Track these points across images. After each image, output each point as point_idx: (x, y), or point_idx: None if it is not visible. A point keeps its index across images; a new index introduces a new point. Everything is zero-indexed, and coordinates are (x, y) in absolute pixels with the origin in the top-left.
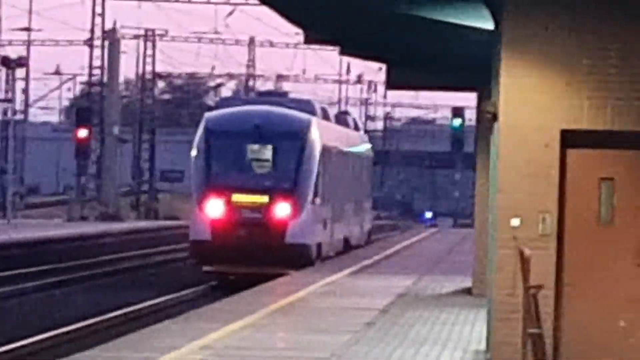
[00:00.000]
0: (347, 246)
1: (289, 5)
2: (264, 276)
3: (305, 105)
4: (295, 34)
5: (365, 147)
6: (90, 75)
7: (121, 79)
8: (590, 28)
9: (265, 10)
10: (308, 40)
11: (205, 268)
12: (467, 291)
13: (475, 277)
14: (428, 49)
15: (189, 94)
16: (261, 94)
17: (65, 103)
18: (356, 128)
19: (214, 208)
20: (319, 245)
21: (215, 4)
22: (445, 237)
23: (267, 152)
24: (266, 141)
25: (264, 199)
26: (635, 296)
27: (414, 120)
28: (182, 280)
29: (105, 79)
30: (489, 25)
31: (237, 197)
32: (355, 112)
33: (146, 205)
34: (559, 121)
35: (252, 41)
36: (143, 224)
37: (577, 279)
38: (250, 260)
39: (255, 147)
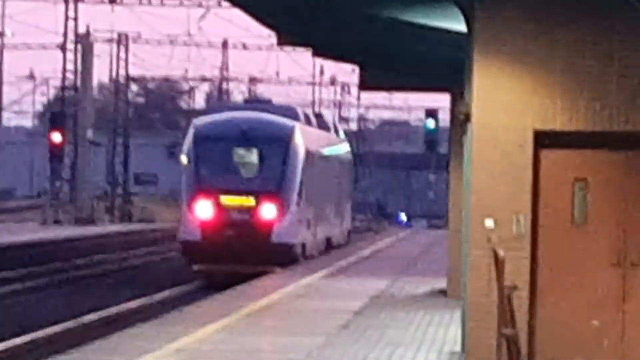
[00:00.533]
0: (329, 245)
1: (262, 7)
2: (251, 274)
3: (289, 112)
4: (268, 36)
5: (345, 150)
6: (64, 79)
7: (95, 82)
8: (562, 29)
9: (238, 12)
10: (281, 43)
11: (195, 267)
12: (442, 292)
13: (449, 279)
14: (401, 50)
15: (163, 97)
16: (247, 101)
17: (39, 107)
18: (336, 132)
19: (203, 209)
20: (303, 245)
21: (188, 7)
22: (420, 239)
23: (254, 156)
24: (252, 146)
25: (251, 200)
26: (609, 296)
27: (388, 122)
28: (159, 283)
29: (78, 82)
30: (461, 26)
31: (225, 199)
32: (329, 114)
33: (120, 209)
34: (532, 122)
35: (225, 44)
36: (117, 227)
37: (551, 279)
38: (238, 259)
39: (242, 151)
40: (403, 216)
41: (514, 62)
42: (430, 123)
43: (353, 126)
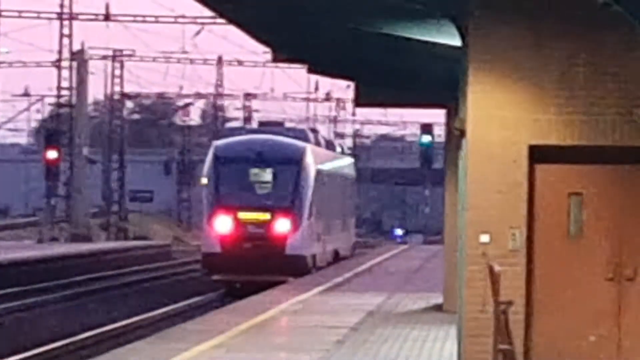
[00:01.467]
0: (336, 257)
1: (256, 24)
2: (267, 284)
3: (301, 134)
4: (263, 52)
5: (350, 168)
6: (59, 96)
7: (90, 99)
8: (557, 44)
9: (233, 29)
10: (276, 59)
11: (215, 277)
12: (438, 308)
13: (445, 294)
14: (396, 66)
15: (158, 114)
16: (261, 124)
17: (34, 124)
18: (342, 151)
19: (223, 224)
20: (314, 256)
21: (183, 23)
22: (416, 254)
23: (268, 175)
24: (267, 166)
25: (267, 216)
26: (605, 311)
27: (383, 137)
28: (155, 300)
29: (74, 100)
30: (456, 41)
31: (243, 215)
32: (324, 130)
33: (116, 226)
34: (526, 137)
35: (220, 60)
36: (113, 244)
37: (547, 294)
38: (255, 270)
39: (258, 171)
40: (399, 231)
41: (508, 78)
42: (426, 138)
43: (348, 142)
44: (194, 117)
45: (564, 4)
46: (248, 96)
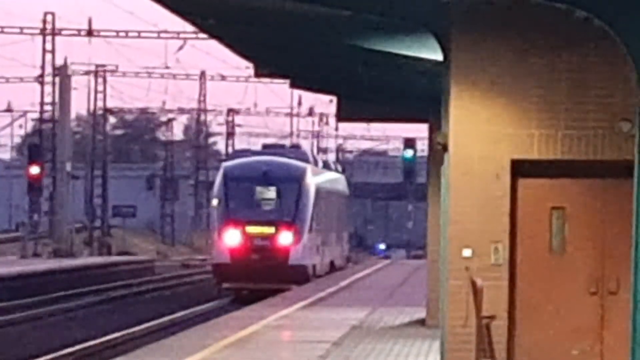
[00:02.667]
0: (332, 267)
1: (239, 39)
2: (272, 291)
3: (301, 155)
4: (245, 67)
5: (343, 186)
6: (42, 111)
7: (73, 115)
8: (538, 59)
9: (215, 44)
10: (258, 74)
11: (225, 285)
12: (421, 322)
13: (428, 308)
14: (378, 80)
15: (141, 129)
16: (265, 146)
17: (17, 140)
18: (336, 170)
19: (232, 237)
20: (314, 266)
21: (166, 38)
22: (399, 269)
23: (273, 193)
24: (272, 184)
25: (271, 229)
26: (587, 325)
27: (366, 152)
28: (138, 315)
29: (56, 115)
30: (438, 56)
31: (250, 229)
32: (307, 145)
33: (99, 241)
34: (509, 151)
35: (202, 75)
36: (96, 259)
37: (529, 309)
38: (261, 279)
39: (263, 189)
40: (382, 246)
41: (490, 92)
42: (409, 153)
43: (331, 157)
44: (177, 132)
45: (546, 18)
46: (231, 111)
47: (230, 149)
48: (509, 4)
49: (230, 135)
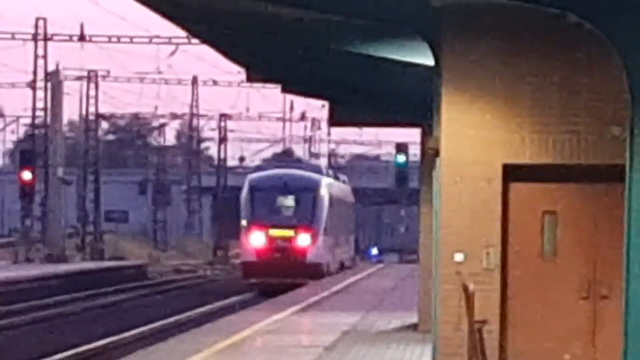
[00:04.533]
0: (342, 266)
1: (231, 44)
2: (292, 285)
3: (316, 168)
4: (237, 72)
5: (350, 194)
6: (34, 117)
7: (65, 120)
8: (530, 63)
9: (207, 49)
10: (250, 79)
11: (252, 280)
12: (413, 327)
13: (421, 313)
14: (370, 85)
15: (133, 134)
16: (285, 161)
17: (9, 145)
18: (344, 181)
19: (257, 239)
20: (328, 264)
21: (158, 44)
22: (392, 273)
23: (292, 201)
24: (291, 193)
25: (291, 232)
26: (579, 330)
27: (358, 157)
28: (131, 320)
29: (48, 120)
30: (430, 61)
31: (273, 232)
32: (299, 150)
33: (91, 246)
34: (500, 155)
35: (194, 80)
36: (89, 265)
37: (521, 313)
38: (282, 274)
39: (284, 198)
40: (374, 251)
41: (481, 96)
42: (401, 158)
43: (324, 162)
44: (169, 138)
45: (537, 23)
46: (223, 116)
47: (222, 154)
48: (499, 9)
49: (222, 140)
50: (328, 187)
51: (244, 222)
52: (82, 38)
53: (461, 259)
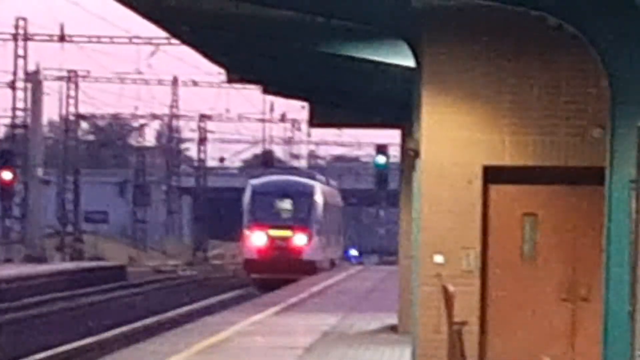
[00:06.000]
0: (332, 264)
1: (211, 45)
2: (289, 280)
3: (310, 175)
4: (218, 73)
5: (339, 199)
6: (14, 117)
7: (45, 120)
8: (510, 65)
9: (187, 50)
10: (231, 80)
11: (253, 275)
12: (393, 328)
13: (400, 314)
14: (350, 86)
15: (113, 135)
16: (283, 169)
17: None
18: (334, 187)
19: (258, 238)
20: (321, 262)
21: (138, 44)
22: (371, 275)
23: (289, 205)
24: (288, 197)
25: (289, 233)
26: (558, 331)
27: (338, 158)
28: (110, 321)
29: (28, 120)
30: (410, 63)
31: (272, 232)
32: (279, 151)
33: (71, 247)
34: (480, 157)
35: (175, 81)
36: (68, 265)
37: (501, 315)
38: (281, 271)
39: (282, 201)
40: (353, 252)
41: (462, 98)
42: (381, 159)
43: (303, 163)
44: (149, 138)
45: (518, 25)
46: (203, 117)
47: (202, 155)
48: (480, 11)
49: (202, 141)
50: (321, 192)
51: (245, 224)
52: (62, 38)
53: (441, 260)
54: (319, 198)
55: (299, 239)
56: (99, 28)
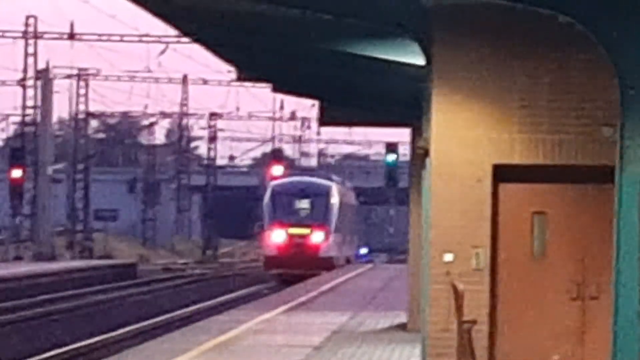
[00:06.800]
0: (348, 261)
1: (221, 43)
2: (308, 275)
3: (327, 177)
4: (228, 71)
5: (354, 199)
6: (24, 115)
7: (54, 118)
8: (521, 63)
9: (197, 48)
10: (240, 78)
11: (273, 271)
12: (402, 327)
13: (410, 313)
14: (361, 85)
15: (123, 133)
16: (301, 170)
17: None
18: (349, 188)
19: (278, 236)
20: (337, 258)
21: (148, 42)
22: (381, 273)
23: (307, 204)
24: (307, 197)
25: (307, 231)
26: (568, 330)
27: (348, 157)
28: (120, 319)
29: (38, 118)
30: (421, 61)
31: (291, 230)
32: (289, 149)
33: (81, 245)
34: (490, 156)
35: (185, 79)
36: (78, 263)
37: (510, 314)
38: (299, 266)
39: (301, 201)
40: (363, 250)
41: (472, 97)
42: (391, 157)
43: (313, 161)
44: (159, 136)
45: (528, 23)
46: (213, 115)
47: (212, 153)
48: (490, 10)
49: (212, 139)
50: (338, 192)
51: (266, 222)
52: (72, 36)
53: (450, 259)
54: (335, 198)
55: (317, 237)
56: (109, 26)
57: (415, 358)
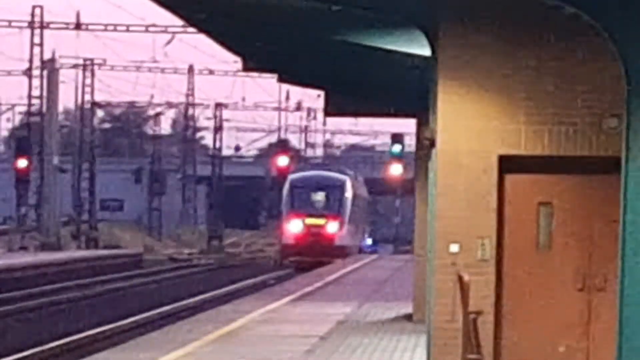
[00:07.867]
0: (360, 249)
1: (227, 33)
2: (324, 262)
3: (342, 170)
4: (233, 62)
5: (366, 192)
6: (30, 105)
7: (60, 108)
8: (526, 53)
9: (203, 38)
10: (246, 68)
11: (290, 259)
12: (408, 317)
13: (415, 303)
14: (366, 75)
15: (129, 123)
16: (317, 164)
17: (5, 133)
18: (361, 182)
19: (295, 226)
20: (350, 247)
21: (154, 32)
22: (386, 264)
23: (323, 196)
24: (322, 190)
25: (323, 221)
26: (574, 321)
27: (354, 147)
28: (124, 309)
29: (44, 108)
30: (426, 51)
31: (308, 220)
32: (295, 140)
33: (86, 235)
34: (496, 147)
35: (191, 69)
36: (83, 253)
37: (516, 304)
38: (315, 254)
39: (317, 193)
40: (368, 241)
41: (478, 87)
42: (396, 148)
43: (319, 151)
44: (165, 126)
45: (534, 13)
46: (219, 105)
47: (218, 143)
48: (497, 0)
49: (218, 129)
50: (351, 185)
51: (284, 213)
52: (78, 26)
53: (456, 249)
54: (349, 190)
55: (332, 227)
56: (115, 16)
57: (421, 348)
